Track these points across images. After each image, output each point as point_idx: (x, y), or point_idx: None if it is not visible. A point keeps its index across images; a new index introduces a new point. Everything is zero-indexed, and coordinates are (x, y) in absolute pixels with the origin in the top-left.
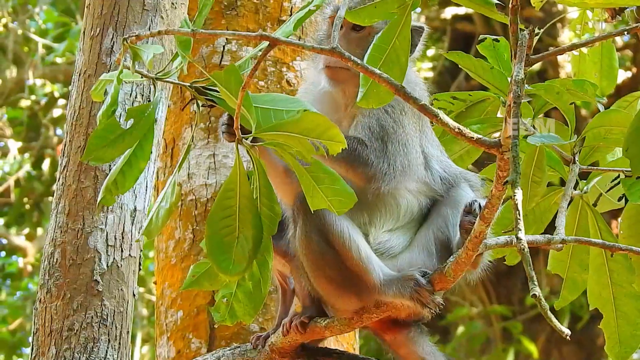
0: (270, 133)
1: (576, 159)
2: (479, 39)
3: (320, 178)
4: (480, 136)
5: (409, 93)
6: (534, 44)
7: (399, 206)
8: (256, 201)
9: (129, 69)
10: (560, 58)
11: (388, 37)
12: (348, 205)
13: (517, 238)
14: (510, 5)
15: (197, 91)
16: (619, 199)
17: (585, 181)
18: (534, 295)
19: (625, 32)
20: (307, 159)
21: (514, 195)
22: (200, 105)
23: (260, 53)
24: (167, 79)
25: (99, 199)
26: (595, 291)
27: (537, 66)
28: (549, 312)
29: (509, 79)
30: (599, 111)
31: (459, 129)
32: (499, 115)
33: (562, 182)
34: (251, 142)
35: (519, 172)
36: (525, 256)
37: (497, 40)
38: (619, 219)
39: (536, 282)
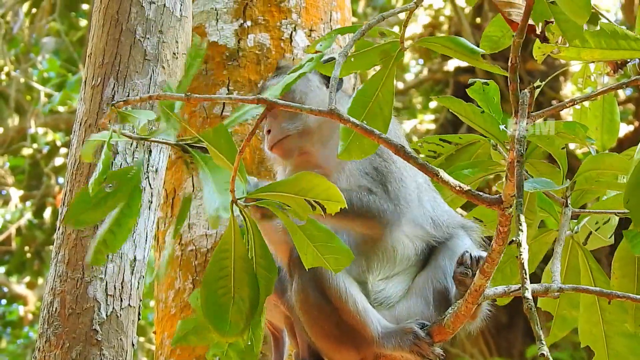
0: (265, 194)
1: (568, 202)
2: (468, 82)
3: (315, 236)
4: (481, 193)
5: (409, 153)
6: (534, 98)
7: (396, 251)
8: (252, 261)
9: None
10: (562, 111)
11: (370, 89)
12: (345, 263)
13: (524, 298)
14: (509, 64)
15: (184, 150)
16: (610, 236)
17: (575, 221)
18: (542, 355)
19: (624, 86)
20: (302, 218)
21: (520, 255)
22: (189, 162)
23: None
24: (153, 139)
25: (88, 259)
26: (586, 329)
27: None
28: None
29: (508, 132)
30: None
31: (459, 186)
32: (496, 162)
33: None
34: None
35: (524, 230)
36: (533, 315)
37: (487, 84)
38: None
39: (544, 342)
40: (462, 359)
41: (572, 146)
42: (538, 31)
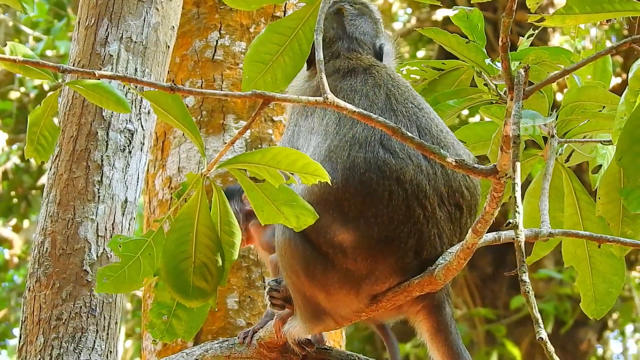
0: (237, 164)
1: (554, 132)
2: (452, 8)
3: (275, 194)
4: (476, 166)
5: (406, 134)
6: (528, 44)
7: None
8: (215, 228)
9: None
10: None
11: (287, 27)
12: (307, 222)
13: (522, 281)
14: (500, 43)
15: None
16: (595, 167)
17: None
18: (540, 339)
19: (615, 49)
20: (274, 185)
21: (518, 237)
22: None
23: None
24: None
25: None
26: (570, 250)
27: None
28: (554, 355)
29: (505, 117)
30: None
31: (455, 161)
32: (480, 89)
33: (534, 143)
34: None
35: (521, 213)
36: (530, 299)
37: (471, 11)
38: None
39: (542, 325)
40: None
41: None
42: None
